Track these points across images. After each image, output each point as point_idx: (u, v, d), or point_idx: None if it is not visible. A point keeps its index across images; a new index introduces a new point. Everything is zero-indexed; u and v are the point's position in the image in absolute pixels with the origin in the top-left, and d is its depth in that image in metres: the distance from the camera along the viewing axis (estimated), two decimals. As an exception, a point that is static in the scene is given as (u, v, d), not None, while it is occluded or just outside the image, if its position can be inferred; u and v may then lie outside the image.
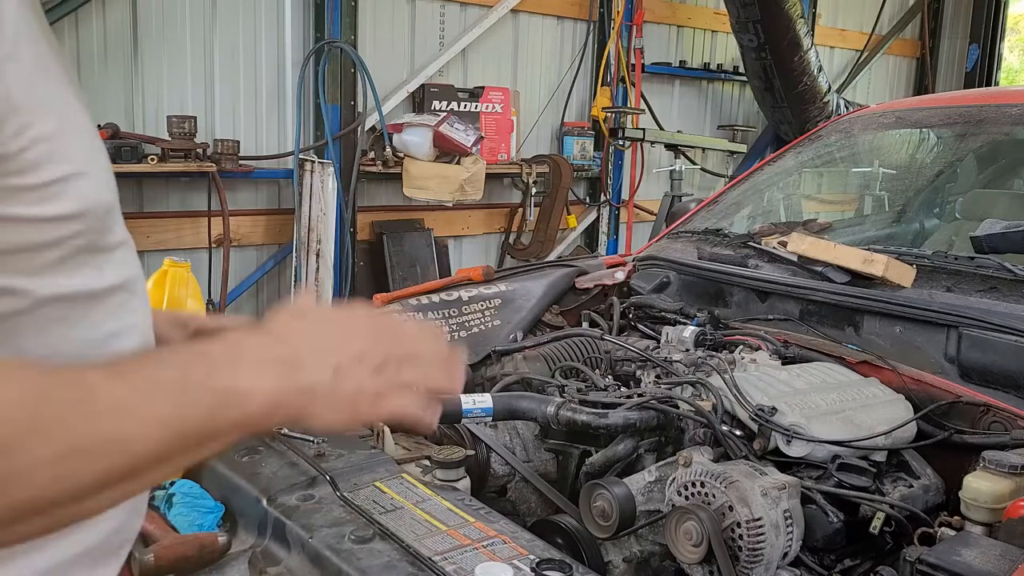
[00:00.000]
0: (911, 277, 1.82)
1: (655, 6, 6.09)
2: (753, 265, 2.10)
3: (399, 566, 1.13)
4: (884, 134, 2.91)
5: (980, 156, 2.82)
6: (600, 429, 1.53)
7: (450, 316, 2.08)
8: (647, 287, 2.33)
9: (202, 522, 1.36)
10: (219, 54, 4.37)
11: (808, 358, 1.80)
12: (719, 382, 1.60)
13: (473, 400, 1.57)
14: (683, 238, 2.46)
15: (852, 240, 2.43)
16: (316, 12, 4.56)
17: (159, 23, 4.17)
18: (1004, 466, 1.31)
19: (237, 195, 4.46)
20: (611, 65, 5.87)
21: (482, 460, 1.60)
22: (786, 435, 1.47)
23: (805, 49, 5.82)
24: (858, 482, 1.41)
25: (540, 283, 2.26)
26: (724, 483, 1.31)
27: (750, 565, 1.27)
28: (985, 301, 1.70)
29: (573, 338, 2.00)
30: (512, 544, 1.17)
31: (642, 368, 1.85)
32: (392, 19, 4.96)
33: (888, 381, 1.69)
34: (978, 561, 1.11)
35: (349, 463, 1.41)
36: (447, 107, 4.96)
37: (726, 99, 6.92)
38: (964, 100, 2.81)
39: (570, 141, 5.74)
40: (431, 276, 4.88)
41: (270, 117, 4.59)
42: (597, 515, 1.39)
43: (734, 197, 2.76)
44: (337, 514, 1.27)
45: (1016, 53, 15.36)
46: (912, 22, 8.22)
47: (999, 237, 1.88)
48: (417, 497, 1.32)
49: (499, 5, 5.28)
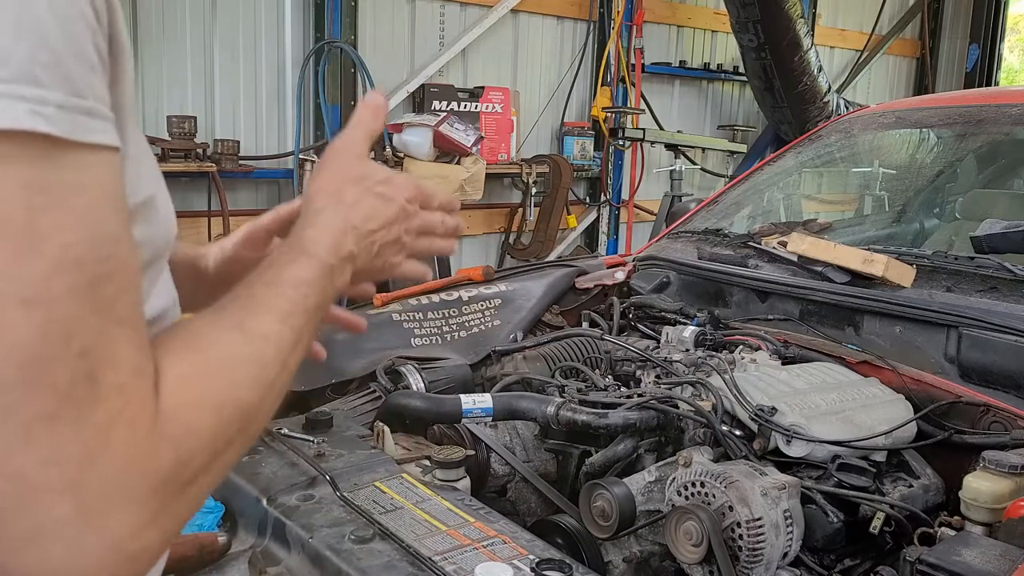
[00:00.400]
0: (911, 277, 1.82)
1: (655, 6, 6.09)
2: (753, 265, 2.10)
3: (399, 566, 1.13)
4: (884, 134, 2.91)
5: (980, 156, 2.82)
6: (600, 429, 1.53)
7: (450, 316, 2.08)
8: (647, 287, 2.33)
9: (202, 522, 1.36)
10: (219, 54, 4.37)
11: (808, 358, 1.80)
12: (719, 382, 1.60)
13: (473, 400, 1.57)
14: (683, 238, 2.46)
15: (852, 240, 2.43)
16: (316, 12, 4.56)
17: (159, 23, 4.17)
18: (1004, 466, 1.31)
19: (237, 195, 4.46)
20: (611, 65, 5.87)
21: (482, 460, 1.60)
22: (786, 435, 1.47)
23: (805, 49, 5.82)
24: (858, 482, 1.41)
25: (540, 283, 2.26)
26: (724, 483, 1.31)
27: (750, 565, 1.27)
28: (985, 301, 1.70)
29: (573, 338, 2.00)
30: (512, 544, 1.17)
31: (642, 368, 1.85)
32: (392, 19, 4.96)
33: (888, 381, 1.69)
34: (978, 561, 1.11)
35: (349, 463, 1.41)
36: (447, 107, 4.96)
37: (726, 99, 6.92)
38: (964, 100, 2.81)
39: (570, 141, 5.74)
40: (431, 276, 4.87)
41: (270, 117, 4.60)
42: (597, 515, 1.39)
43: (734, 197, 2.76)
44: (337, 514, 1.27)
45: (1016, 53, 15.36)
46: (912, 22, 8.22)
47: (999, 237, 1.88)
48: (417, 497, 1.31)
49: (499, 5, 5.28)
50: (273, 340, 0.65)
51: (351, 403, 1.76)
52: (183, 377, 0.56)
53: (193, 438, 0.56)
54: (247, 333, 0.64)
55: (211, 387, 0.59)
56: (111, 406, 0.50)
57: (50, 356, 0.47)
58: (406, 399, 1.64)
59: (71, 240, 0.49)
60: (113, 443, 0.50)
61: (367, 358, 1.87)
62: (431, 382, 1.80)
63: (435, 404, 1.60)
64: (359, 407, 1.74)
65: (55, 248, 0.48)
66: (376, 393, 1.77)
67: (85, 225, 0.50)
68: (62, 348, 0.48)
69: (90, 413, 0.49)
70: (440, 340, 2.02)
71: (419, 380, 1.78)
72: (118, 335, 0.51)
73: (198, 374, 0.58)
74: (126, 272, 0.53)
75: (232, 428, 0.60)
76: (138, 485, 0.51)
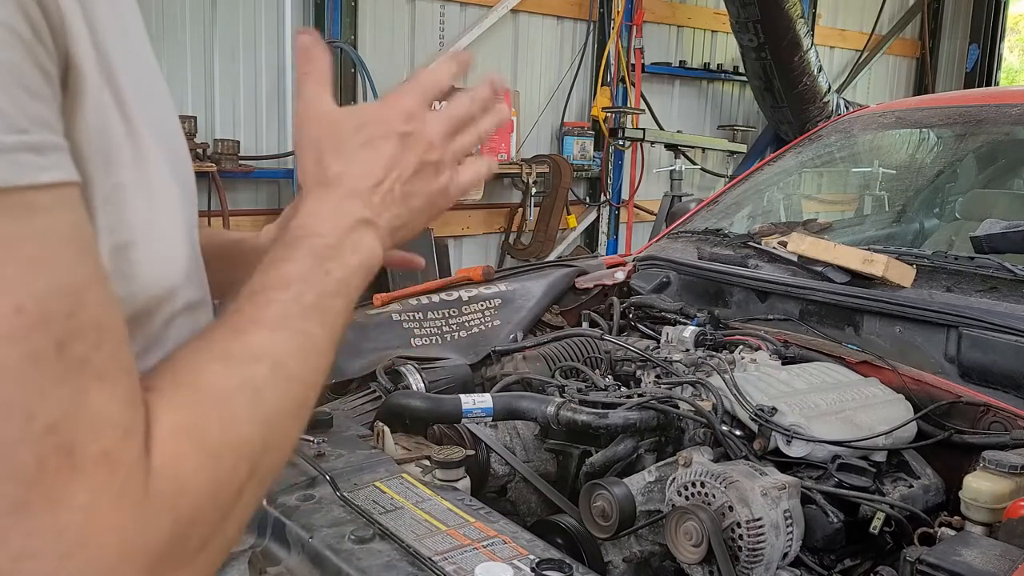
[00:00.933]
0: (911, 277, 1.82)
1: (655, 6, 6.09)
2: (753, 265, 2.10)
3: (399, 566, 1.13)
4: (884, 134, 2.91)
5: (980, 156, 2.82)
6: (600, 429, 1.53)
7: (450, 316, 2.08)
8: (647, 287, 2.33)
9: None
10: (219, 54, 4.37)
11: (808, 358, 1.80)
12: (719, 382, 1.60)
13: (473, 400, 1.57)
14: (683, 238, 2.46)
15: (852, 240, 2.43)
16: (316, 12, 4.56)
17: (159, 23, 4.17)
18: (1004, 466, 1.31)
19: (237, 195, 4.46)
20: (611, 65, 5.87)
21: (482, 460, 1.60)
22: (786, 435, 1.47)
23: (805, 49, 5.82)
24: (858, 482, 1.41)
25: (540, 283, 2.26)
26: (724, 483, 1.31)
27: (750, 565, 1.27)
28: (985, 301, 1.70)
29: (573, 338, 2.00)
30: (512, 544, 1.17)
31: (642, 368, 1.85)
32: (392, 19, 4.96)
33: (888, 381, 1.69)
34: (978, 561, 1.11)
35: (349, 463, 1.41)
36: (447, 107, 4.95)
37: (726, 99, 6.93)
38: (964, 100, 2.81)
39: (570, 141, 5.75)
40: (431, 276, 4.88)
41: (270, 117, 4.60)
42: (597, 515, 1.39)
43: (734, 197, 2.76)
44: (337, 514, 1.26)
45: (1016, 53, 15.37)
46: (912, 22, 8.22)
47: (999, 237, 1.88)
48: (417, 497, 1.31)
49: (499, 5, 5.28)
50: (267, 358, 0.57)
51: (351, 403, 1.76)
52: (175, 428, 0.50)
53: (190, 499, 0.49)
54: (233, 358, 0.56)
55: (206, 433, 0.51)
56: (93, 480, 0.44)
57: (11, 439, 0.41)
58: (406, 399, 1.64)
59: (23, 300, 0.42)
60: (98, 523, 0.44)
61: (367, 358, 1.87)
62: (431, 382, 1.80)
63: (435, 404, 1.60)
64: (359, 407, 1.74)
65: (5, 312, 0.41)
66: (376, 393, 1.77)
67: (40, 279, 0.43)
68: (24, 427, 0.42)
69: (67, 494, 0.43)
70: (440, 340, 2.02)
71: (419, 380, 1.78)
72: (97, 395, 0.45)
73: (190, 421, 0.51)
74: (102, 320, 0.46)
75: (239, 474, 0.53)
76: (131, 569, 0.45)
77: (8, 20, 0.42)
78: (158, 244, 0.55)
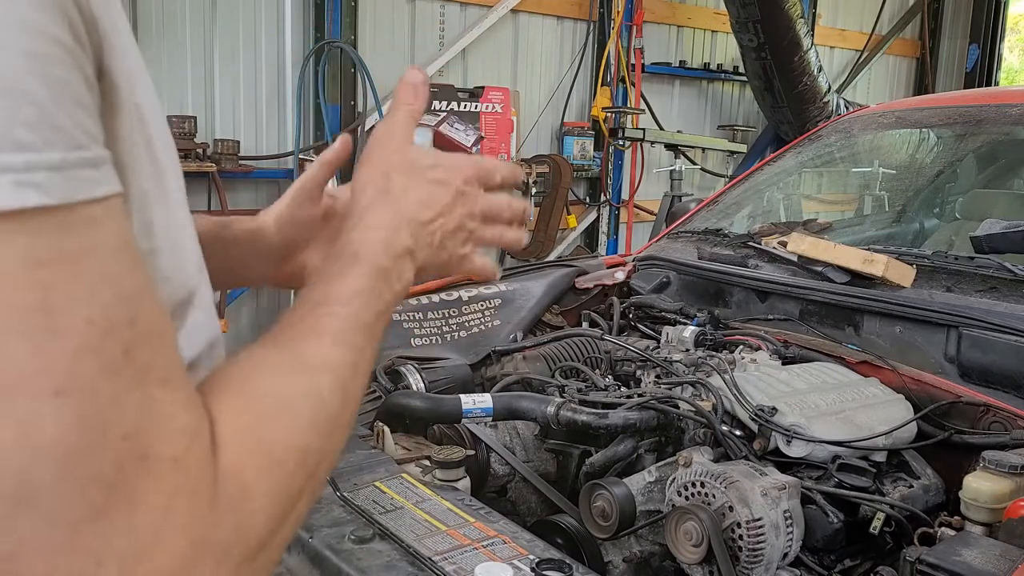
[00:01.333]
0: (911, 277, 1.82)
1: (655, 6, 6.09)
2: (753, 265, 2.10)
3: (399, 566, 1.13)
4: (884, 134, 2.91)
5: (980, 156, 2.82)
6: (600, 429, 1.53)
7: (450, 316, 2.08)
8: (647, 287, 2.33)
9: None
10: (219, 54, 4.37)
11: (808, 358, 1.80)
12: (719, 382, 1.61)
13: (473, 400, 1.57)
14: (683, 238, 2.46)
15: (852, 240, 2.43)
16: (316, 12, 4.56)
17: (159, 23, 4.17)
18: (1004, 466, 1.31)
19: (237, 195, 4.46)
20: (611, 65, 5.87)
21: (482, 460, 1.60)
22: (786, 435, 1.47)
23: (805, 49, 5.82)
24: (858, 482, 1.41)
25: (540, 283, 2.26)
26: (724, 483, 1.31)
27: (750, 565, 1.27)
28: (985, 301, 1.70)
29: (573, 338, 2.00)
30: (512, 544, 1.17)
31: (642, 368, 1.85)
32: (392, 19, 4.96)
33: (888, 381, 1.69)
34: (978, 561, 1.11)
35: (349, 463, 1.41)
36: (447, 107, 4.96)
37: (726, 99, 6.92)
38: (964, 100, 2.81)
39: (570, 141, 5.74)
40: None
41: (270, 117, 4.60)
42: (597, 515, 1.39)
43: (734, 197, 2.76)
44: (337, 514, 1.27)
45: (1016, 53, 15.37)
46: (912, 22, 8.22)
47: (999, 237, 1.88)
48: (417, 497, 1.31)
49: (499, 5, 5.28)
50: (330, 369, 0.60)
51: (351, 403, 1.75)
52: (239, 431, 0.51)
53: (257, 501, 0.51)
54: (299, 368, 0.58)
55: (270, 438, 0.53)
56: (167, 483, 0.45)
57: (91, 448, 0.42)
58: (406, 399, 1.64)
59: (93, 312, 0.43)
60: (172, 524, 0.45)
61: (367, 358, 1.87)
62: (431, 382, 1.80)
63: (435, 404, 1.60)
64: (359, 407, 1.74)
65: (77, 326, 0.42)
66: (376, 393, 1.77)
67: (105, 290, 0.43)
68: (103, 436, 0.43)
69: (145, 498, 0.44)
70: (440, 340, 2.02)
71: (419, 380, 1.78)
72: (164, 400, 0.46)
73: (254, 425, 0.53)
74: (157, 326, 0.47)
75: (299, 479, 0.55)
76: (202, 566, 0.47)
77: (53, 30, 0.42)
78: (178, 249, 0.56)
